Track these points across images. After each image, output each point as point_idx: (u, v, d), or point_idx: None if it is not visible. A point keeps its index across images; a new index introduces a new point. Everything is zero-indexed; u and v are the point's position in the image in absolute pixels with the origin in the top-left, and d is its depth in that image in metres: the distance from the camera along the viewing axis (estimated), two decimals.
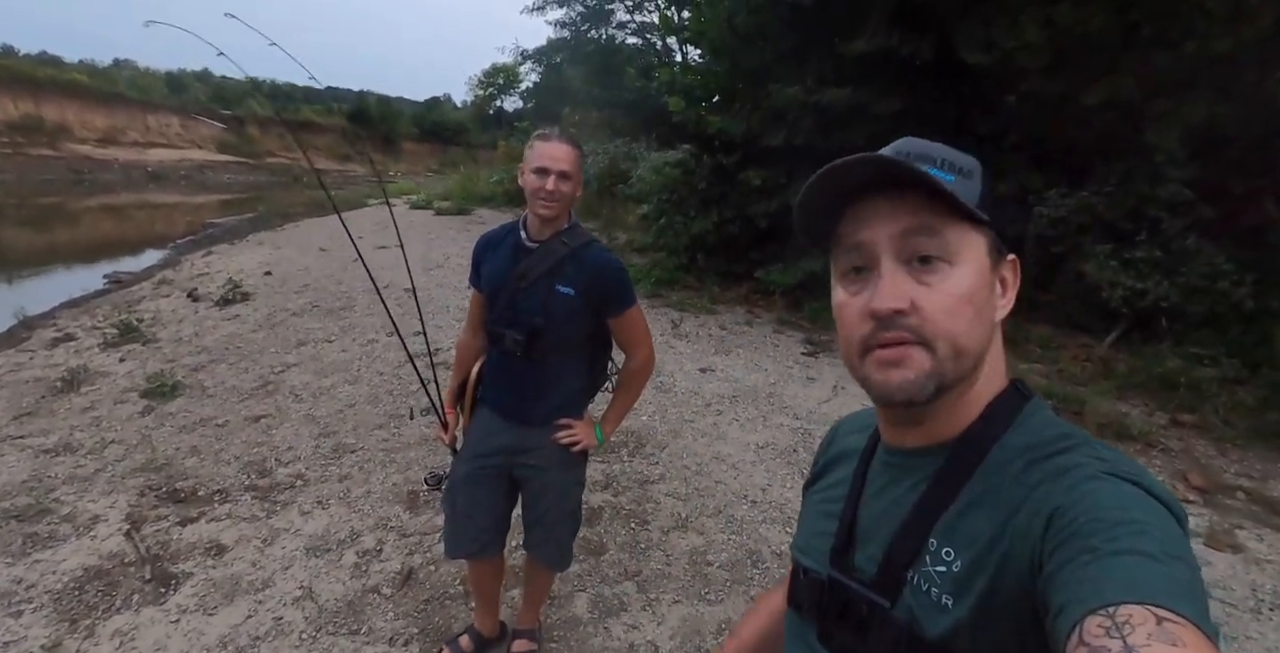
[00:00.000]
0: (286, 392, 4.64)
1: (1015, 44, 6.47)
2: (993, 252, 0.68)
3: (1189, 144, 6.22)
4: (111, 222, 17.39)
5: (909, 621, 0.66)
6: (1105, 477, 0.58)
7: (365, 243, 11.86)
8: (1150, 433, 4.53)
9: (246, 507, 3.26)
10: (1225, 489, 3.88)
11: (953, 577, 0.64)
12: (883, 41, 6.86)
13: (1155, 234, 6.07)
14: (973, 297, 0.65)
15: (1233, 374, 5.15)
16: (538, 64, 26.85)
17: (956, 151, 0.69)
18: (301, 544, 2.97)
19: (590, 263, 1.87)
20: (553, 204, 1.80)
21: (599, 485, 3.58)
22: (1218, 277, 5.67)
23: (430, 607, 2.62)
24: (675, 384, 5.12)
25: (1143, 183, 6.28)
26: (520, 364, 1.92)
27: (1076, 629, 0.46)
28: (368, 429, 4.11)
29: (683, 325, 6.86)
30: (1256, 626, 2.77)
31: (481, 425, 2.06)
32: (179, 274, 8.89)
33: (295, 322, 6.30)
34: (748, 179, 7.88)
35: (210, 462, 3.68)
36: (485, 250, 2.00)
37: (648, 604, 2.70)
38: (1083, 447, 0.63)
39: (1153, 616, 0.44)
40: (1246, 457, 4.35)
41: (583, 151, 1.87)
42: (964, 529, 0.64)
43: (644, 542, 3.11)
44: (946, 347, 0.63)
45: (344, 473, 3.61)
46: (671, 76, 9.26)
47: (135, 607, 2.53)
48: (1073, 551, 0.52)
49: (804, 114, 7.40)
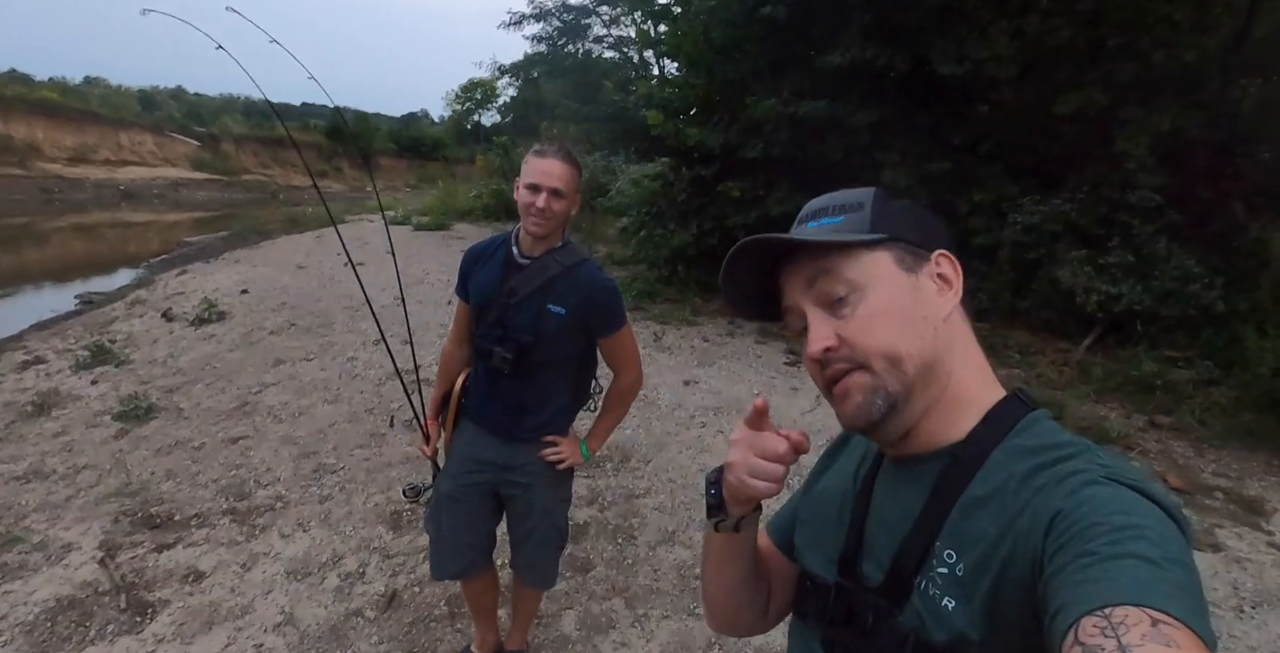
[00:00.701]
0: (265, 412, 4.57)
1: (986, 55, 6.60)
2: (904, 259, 0.72)
3: (1157, 151, 6.37)
4: (83, 241, 17.10)
5: (916, 626, 0.66)
6: (1107, 482, 0.58)
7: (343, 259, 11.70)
8: (1129, 435, 4.60)
9: (225, 531, 3.19)
10: (1204, 489, 3.94)
11: (955, 579, 0.64)
12: (858, 54, 6.97)
13: (1127, 239, 6.19)
14: (889, 308, 0.69)
15: (1206, 375, 5.25)
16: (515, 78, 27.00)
17: (848, 192, 0.76)
18: (282, 568, 2.91)
19: (583, 283, 1.85)
20: (543, 222, 1.78)
21: (585, 501, 3.55)
22: (1189, 280, 5.79)
23: (416, 629, 2.57)
24: (659, 397, 5.11)
25: (1113, 189, 6.41)
26: (507, 381, 1.90)
27: (1073, 630, 0.47)
28: (348, 449, 4.06)
29: (665, 338, 6.86)
30: (1240, 625, 2.80)
31: (466, 441, 2.03)
32: (153, 294, 8.74)
33: (273, 340, 6.21)
34: (727, 191, 7.93)
35: (187, 485, 3.60)
36: (474, 262, 1.98)
37: (637, 621, 2.67)
38: (1085, 453, 0.63)
39: (1148, 617, 0.45)
40: (1223, 456, 4.42)
41: (580, 169, 1.84)
42: (966, 532, 0.65)
43: (631, 557, 3.09)
44: (880, 360, 0.68)
45: (325, 494, 3.55)
46: (649, 90, 9.32)
47: (110, 637, 2.46)
48: (1072, 554, 0.53)
49: (781, 126, 7.47)
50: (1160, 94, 6.62)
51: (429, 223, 15.85)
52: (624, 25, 19.17)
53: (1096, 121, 6.69)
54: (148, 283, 9.86)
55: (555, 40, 22.66)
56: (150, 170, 32.53)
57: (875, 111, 7.21)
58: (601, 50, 21.89)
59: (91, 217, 21.11)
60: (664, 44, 11.44)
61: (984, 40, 6.76)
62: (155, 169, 32.99)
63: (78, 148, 29.82)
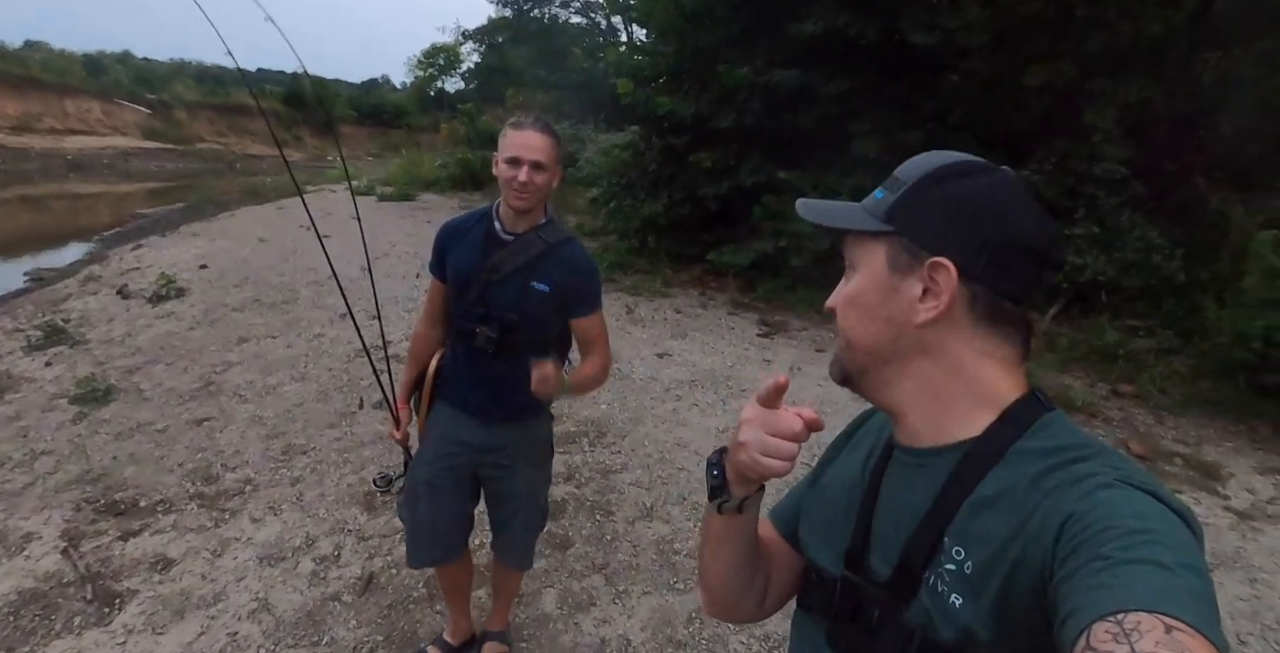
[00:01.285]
0: (230, 392, 4.46)
1: (957, 24, 6.56)
2: (898, 258, 0.71)
3: (1123, 124, 6.42)
4: (30, 214, 16.38)
5: (923, 623, 0.66)
6: (1120, 485, 0.58)
7: (307, 232, 11.42)
8: (1092, 404, 4.71)
9: (193, 517, 3.12)
10: (1164, 456, 4.06)
11: (963, 577, 0.64)
12: (830, 22, 6.89)
13: (1092, 211, 6.28)
14: (856, 299, 0.74)
15: (1167, 344, 5.39)
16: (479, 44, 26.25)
17: (917, 164, 0.74)
18: (254, 554, 2.86)
19: (568, 261, 1.81)
20: (526, 196, 1.73)
21: (561, 477, 3.53)
22: (1151, 251, 5.91)
23: (394, 612, 2.55)
24: (633, 371, 5.10)
25: (1080, 162, 6.48)
26: (489, 361, 1.85)
27: (1084, 635, 0.46)
28: (319, 429, 3.98)
29: (638, 310, 6.83)
30: None
31: (443, 424, 1.97)
32: (107, 270, 8.43)
33: (236, 317, 6.05)
34: (698, 161, 7.84)
35: (151, 470, 3.50)
36: (451, 238, 1.90)
37: (617, 597, 2.69)
38: (1099, 456, 0.63)
39: (1162, 624, 0.44)
40: (1182, 424, 4.56)
41: (559, 140, 1.78)
42: (975, 530, 0.64)
43: (610, 533, 3.10)
44: (843, 338, 0.76)
45: (296, 476, 3.49)
46: (618, 57, 9.14)
47: (77, 630, 2.40)
48: (1084, 558, 0.52)
49: (753, 95, 7.39)
50: (1127, 67, 6.66)
51: (393, 193, 15.49)
52: None
53: (1065, 93, 6.72)
54: (101, 258, 9.51)
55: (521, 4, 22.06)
56: (99, 139, 31.19)
57: (847, 81, 7.17)
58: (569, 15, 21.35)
59: (38, 188, 20.23)
60: (634, 10, 11.20)
61: (955, 9, 6.71)
62: (104, 138, 31.64)
63: (20, 116, 28.41)
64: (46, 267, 9.36)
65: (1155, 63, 6.88)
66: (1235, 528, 3.37)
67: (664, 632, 2.51)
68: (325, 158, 32.31)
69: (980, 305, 0.69)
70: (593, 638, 2.47)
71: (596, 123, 12.81)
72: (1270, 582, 2.97)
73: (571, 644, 2.44)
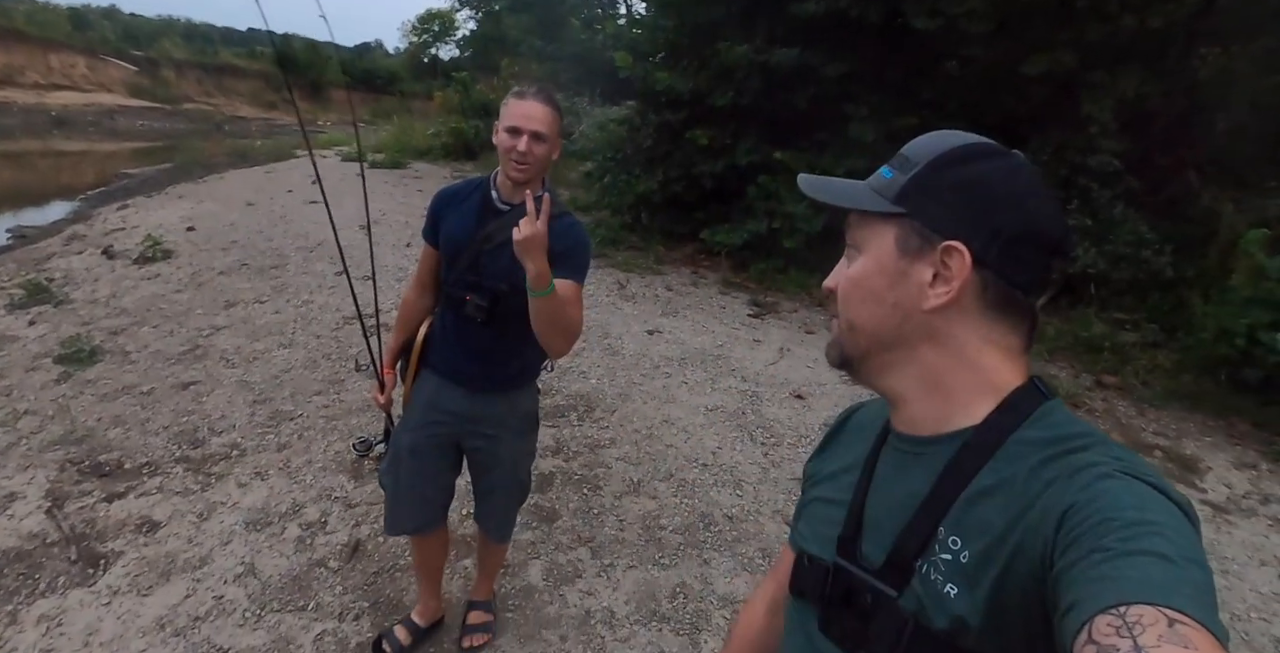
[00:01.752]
0: (217, 356, 4.42)
1: (959, 10, 6.50)
2: (908, 241, 0.69)
3: (1120, 116, 6.41)
4: (12, 171, 16.03)
5: (916, 610, 0.66)
6: (1121, 476, 0.57)
7: (296, 197, 11.31)
8: (1076, 394, 4.77)
9: (179, 480, 3.11)
10: (1144, 448, 4.13)
11: (959, 567, 0.63)
12: (832, 3, 6.80)
13: (1086, 203, 6.30)
14: (862, 282, 0.73)
15: (1152, 338, 5.45)
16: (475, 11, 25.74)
17: (926, 142, 0.72)
18: (240, 518, 2.86)
19: (563, 233, 1.76)
20: (525, 167, 1.70)
21: (550, 451, 3.55)
22: (1141, 245, 5.95)
23: (380, 579, 2.57)
24: (623, 346, 5.10)
25: (1075, 153, 6.48)
26: (479, 330, 1.83)
27: (1086, 628, 0.46)
28: (306, 395, 3.96)
29: (629, 286, 6.82)
30: None
31: (429, 392, 1.96)
32: (91, 229, 8.29)
33: (223, 281, 5.98)
34: (694, 138, 7.77)
35: (136, 432, 3.48)
36: (446, 205, 1.88)
37: (602, 570, 2.72)
38: (1099, 446, 0.62)
39: (1164, 617, 0.44)
40: (1162, 416, 4.63)
41: (561, 112, 1.76)
42: (973, 519, 0.64)
43: (596, 507, 3.12)
44: (844, 321, 0.75)
45: (283, 442, 3.48)
46: (617, 30, 9.05)
47: (62, 590, 2.40)
48: (1085, 549, 0.52)
49: (752, 73, 7.31)
50: (1127, 60, 6.64)
51: (384, 161, 15.26)
52: None
53: (1063, 84, 6.70)
54: (85, 217, 9.35)
55: None
56: (84, 95, 30.49)
57: (846, 63, 7.10)
58: None
59: (20, 144, 19.79)
60: None
61: None
62: (89, 95, 30.93)
63: (2, 69, 27.71)
64: (29, 224, 9.19)
65: (1155, 56, 6.86)
66: (1211, 521, 3.43)
67: (648, 605, 2.54)
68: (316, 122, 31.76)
69: (990, 293, 0.68)
70: (577, 610, 2.50)
71: (593, 96, 12.66)
72: (1241, 574, 3.04)
73: (556, 615, 2.47)
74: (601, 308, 6.03)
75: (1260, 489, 3.78)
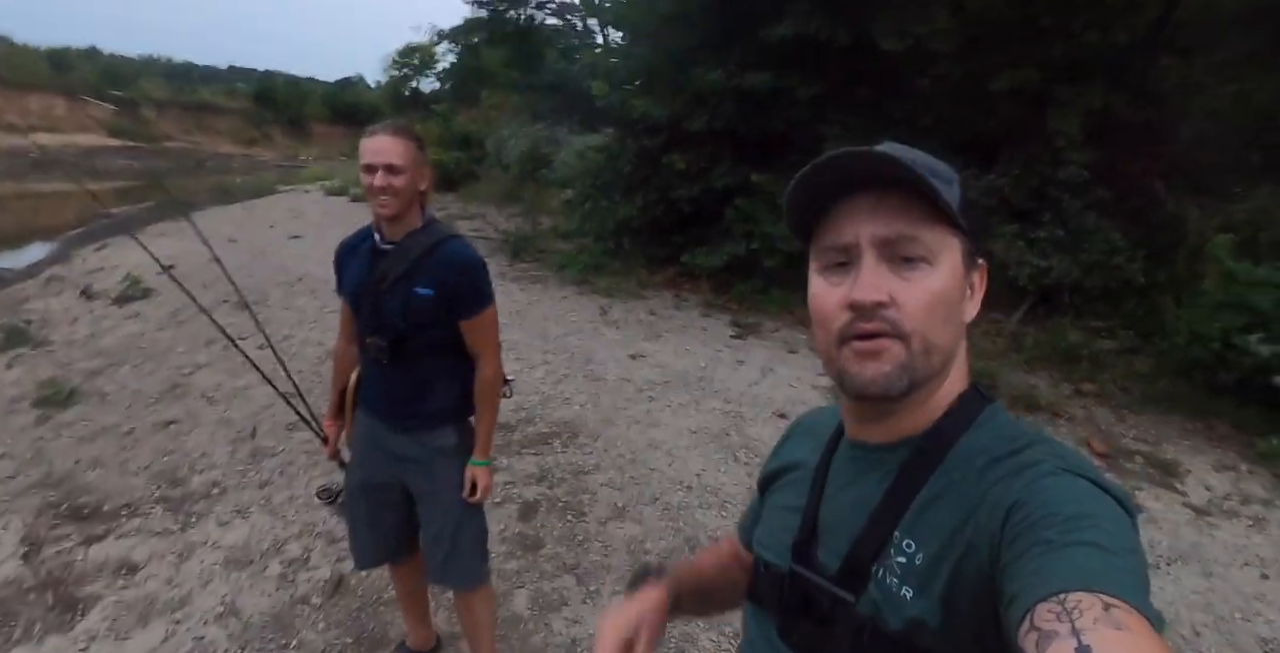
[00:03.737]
0: (198, 394, 4.39)
1: (926, 30, 6.68)
2: (967, 257, 0.69)
3: (1086, 129, 6.57)
4: None
5: (873, 614, 0.67)
6: (1062, 473, 0.60)
7: (278, 231, 11.29)
8: (1056, 403, 4.82)
9: (158, 520, 3.07)
10: (1125, 453, 4.17)
11: (914, 569, 0.65)
12: (802, 27, 6.96)
13: (1057, 214, 6.42)
14: (946, 296, 0.67)
15: (1128, 345, 5.53)
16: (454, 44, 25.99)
17: (935, 159, 0.71)
18: (221, 557, 2.82)
19: (447, 259, 1.78)
20: (388, 200, 1.70)
21: (534, 479, 3.54)
22: (1113, 253, 6.06)
23: (364, 614, 2.54)
24: (606, 372, 5.11)
25: (1044, 166, 6.62)
26: (388, 371, 1.83)
27: (1028, 616, 0.48)
28: (288, 431, 3.94)
29: (611, 312, 6.85)
30: (1156, 581, 2.99)
31: (363, 430, 1.96)
32: (71, 270, 8.25)
33: (204, 319, 5.93)
34: (672, 163, 7.88)
35: (115, 474, 3.45)
36: (345, 256, 1.91)
37: (588, 597, 2.70)
38: (1041, 445, 0.65)
39: (1100, 602, 0.46)
40: (1142, 422, 4.67)
41: (417, 142, 1.76)
42: (926, 523, 0.66)
43: (582, 534, 3.10)
44: (920, 342, 0.65)
45: (265, 479, 3.45)
46: (594, 59, 9.16)
47: (38, 636, 2.35)
48: (1028, 543, 0.54)
49: (726, 98, 7.44)
50: (1091, 74, 6.82)
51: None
52: None
53: (1031, 99, 6.86)
54: (64, 259, 9.30)
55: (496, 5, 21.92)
56: (63, 137, 30.50)
57: (818, 85, 7.25)
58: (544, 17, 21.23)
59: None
60: (608, 12, 11.21)
61: (924, 16, 6.84)
62: (68, 136, 30.94)
63: None
64: (6, 267, 9.13)
65: (1118, 70, 7.05)
66: (1192, 523, 3.46)
67: None
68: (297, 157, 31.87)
69: None
70: (563, 638, 2.48)
71: (571, 125, 12.80)
72: (1225, 575, 3.06)
73: (543, 644, 2.44)
74: (584, 334, 6.05)
75: (1240, 490, 3.81)
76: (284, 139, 39.83)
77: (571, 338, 5.92)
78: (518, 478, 3.54)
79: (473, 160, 17.18)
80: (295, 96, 44.56)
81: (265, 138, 38.98)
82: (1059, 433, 4.37)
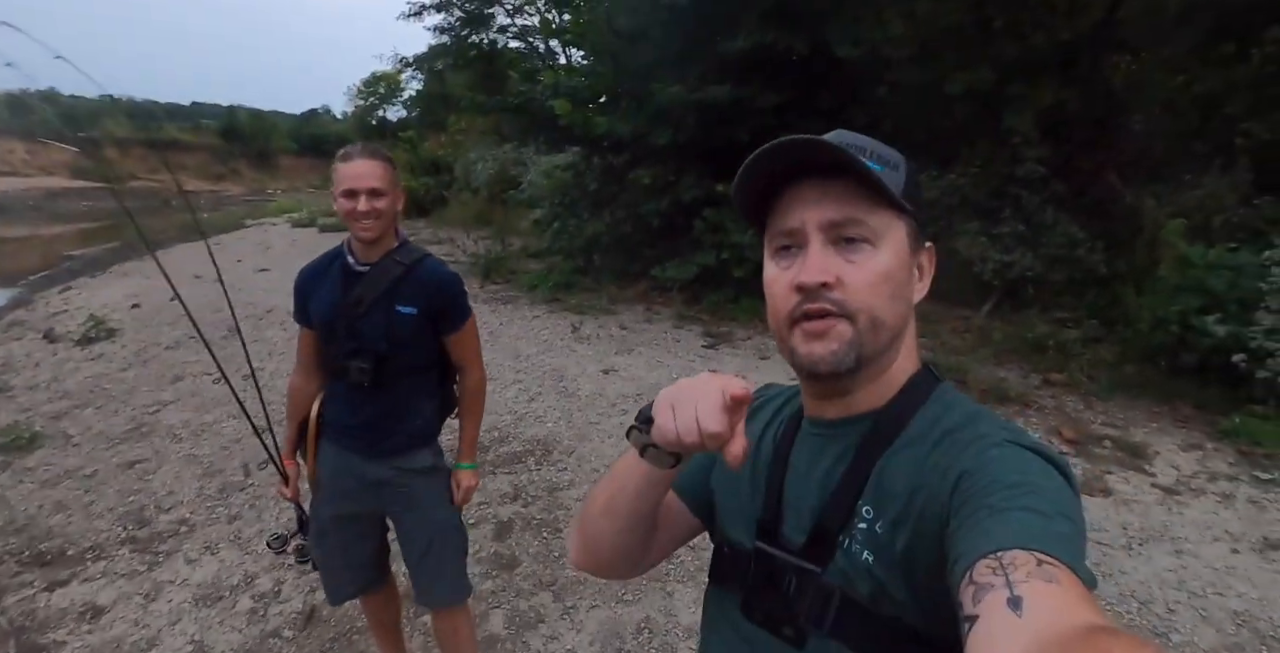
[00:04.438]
0: (164, 432, 4.32)
1: (881, 37, 6.82)
2: (912, 239, 0.73)
3: (1041, 126, 6.72)
4: None
5: (841, 583, 0.69)
6: (1007, 444, 0.64)
7: (245, 265, 11.18)
8: (1026, 394, 4.88)
9: (124, 562, 3.01)
10: (1094, 439, 4.22)
11: (874, 535, 0.68)
12: (760, 38, 7.08)
13: (1018, 210, 6.53)
14: (891, 276, 0.70)
15: (1093, 334, 5.62)
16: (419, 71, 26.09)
17: (884, 145, 0.74)
18: (189, 595, 2.77)
19: (427, 278, 1.79)
20: (372, 224, 1.71)
21: (508, 498, 3.51)
22: (1074, 246, 6.17)
23: (337, 645, 2.50)
24: (579, 388, 5.10)
25: (1003, 164, 6.75)
26: (369, 394, 1.80)
27: (968, 572, 0.52)
28: (257, 464, 3.87)
29: (583, 328, 6.84)
30: (1129, 561, 3.02)
31: (331, 463, 1.90)
32: (33, 314, 8.09)
33: (169, 356, 5.87)
34: (638, 178, 7.94)
35: (80, 517, 3.37)
36: (310, 283, 1.87)
37: (565, 613, 2.67)
38: (989, 419, 0.71)
39: (1034, 559, 0.50)
40: (1109, 408, 4.74)
41: (392, 164, 1.77)
42: (884, 491, 0.69)
43: (557, 550, 3.08)
44: (866, 320, 0.69)
45: (234, 513, 3.39)
46: (556, 79, 9.21)
47: None
48: (974, 508, 0.58)
49: (688, 112, 7.52)
50: (1042, 73, 6.99)
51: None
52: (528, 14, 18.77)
53: (986, 99, 7.01)
54: (26, 303, 9.12)
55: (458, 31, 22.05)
56: (24, 181, 30.13)
57: (778, 94, 7.36)
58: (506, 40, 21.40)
59: None
60: (568, 32, 11.34)
61: (879, 23, 7.00)
62: (29, 179, 30.56)
63: None
64: None
65: (1068, 68, 7.24)
66: (1162, 503, 3.51)
67: (613, 644, 2.50)
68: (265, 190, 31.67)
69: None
70: None
71: (537, 145, 12.84)
72: (1195, 552, 3.09)
73: None
74: (556, 352, 6.04)
75: (1207, 468, 3.87)
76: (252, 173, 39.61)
77: (544, 356, 5.90)
78: (492, 498, 3.51)
79: (441, 185, 17.18)
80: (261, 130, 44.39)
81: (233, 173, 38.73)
82: (1029, 424, 4.42)
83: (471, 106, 13.30)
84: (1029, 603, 0.46)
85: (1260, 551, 3.12)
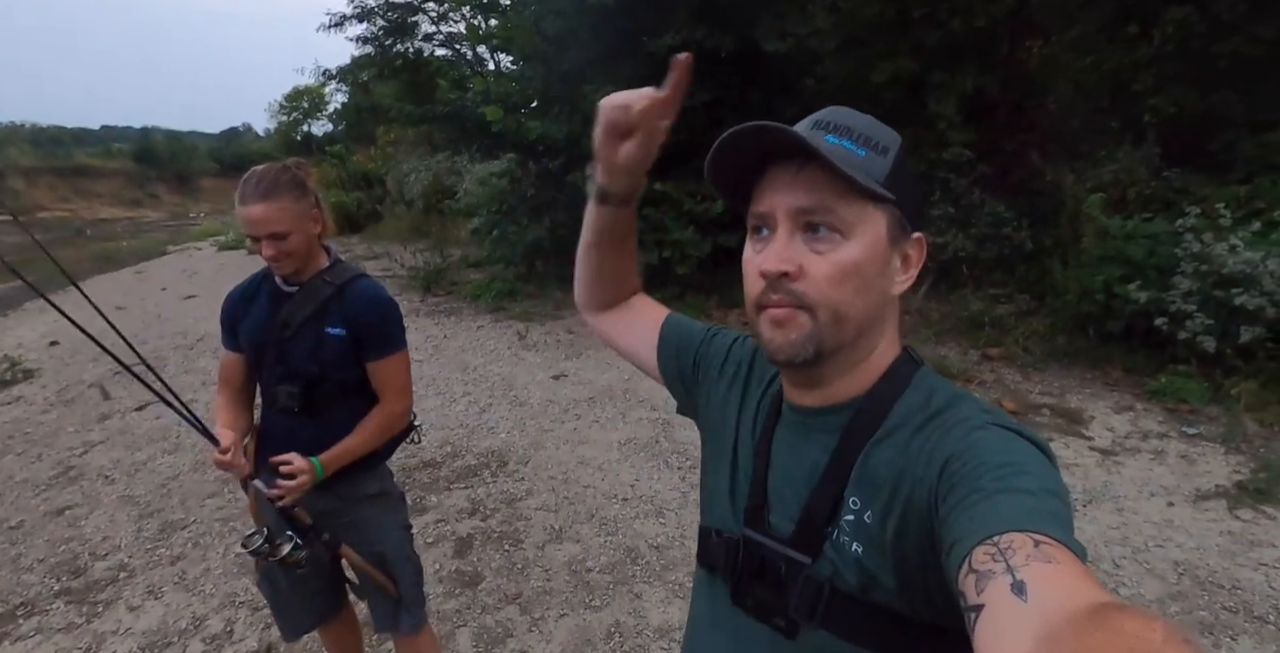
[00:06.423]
0: (94, 475, 4.09)
1: (807, 31, 6.94)
2: (894, 228, 0.70)
3: (963, 110, 6.94)
4: None
5: (830, 574, 0.69)
6: (990, 427, 0.65)
7: (171, 293, 10.74)
8: (967, 370, 5.03)
9: (60, 616, 2.83)
10: (1033, 408, 4.38)
11: (862, 526, 0.68)
12: (688, 36, 7.13)
13: (946, 193, 6.74)
14: (858, 269, 0.68)
15: (1025, 308, 5.82)
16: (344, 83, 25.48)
17: (879, 125, 0.72)
18: (134, 645, 2.62)
19: (357, 298, 1.71)
20: (283, 264, 1.63)
21: (465, 513, 3.44)
22: (1001, 224, 6.39)
23: None
24: (530, 396, 5.04)
25: (930, 149, 6.95)
26: (302, 421, 1.71)
27: (966, 559, 0.51)
28: (198, 499, 3.71)
29: (529, 335, 6.77)
30: (1076, 522, 3.12)
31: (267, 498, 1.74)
32: None
33: (95, 394, 5.57)
34: (575, 182, 7.88)
35: (7, 571, 3.16)
36: (238, 306, 1.78)
37: (533, 625, 2.62)
38: (968, 403, 0.71)
39: (1031, 540, 0.50)
40: (1046, 377, 4.93)
41: (297, 188, 1.63)
42: (870, 480, 0.69)
43: (520, 562, 3.02)
44: (827, 313, 0.68)
45: (176, 553, 3.23)
46: (485, 86, 9.08)
47: None
48: (964, 492, 0.58)
49: None
50: (962, 59, 7.22)
51: None
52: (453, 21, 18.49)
53: (910, 86, 7.21)
54: None
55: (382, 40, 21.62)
56: None
57: (710, 91, 7.41)
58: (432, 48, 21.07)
59: None
60: (495, 38, 11.20)
61: (804, 16, 7.12)
62: None
63: None
64: None
65: (986, 53, 7.50)
66: (1101, 465, 3.66)
67: (584, 652, 2.47)
68: (187, 214, 30.47)
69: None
70: None
71: (471, 153, 12.67)
72: (1135, 508, 3.23)
73: None
74: (504, 361, 5.95)
75: (1140, 428, 4.06)
76: (171, 197, 37.97)
77: (492, 366, 5.81)
78: (449, 515, 3.43)
79: (374, 199, 16.78)
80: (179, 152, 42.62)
81: (151, 197, 37.05)
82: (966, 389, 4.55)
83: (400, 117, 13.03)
84: (1032, 587, 0.46)
85: (1194, 502, 3.28)
